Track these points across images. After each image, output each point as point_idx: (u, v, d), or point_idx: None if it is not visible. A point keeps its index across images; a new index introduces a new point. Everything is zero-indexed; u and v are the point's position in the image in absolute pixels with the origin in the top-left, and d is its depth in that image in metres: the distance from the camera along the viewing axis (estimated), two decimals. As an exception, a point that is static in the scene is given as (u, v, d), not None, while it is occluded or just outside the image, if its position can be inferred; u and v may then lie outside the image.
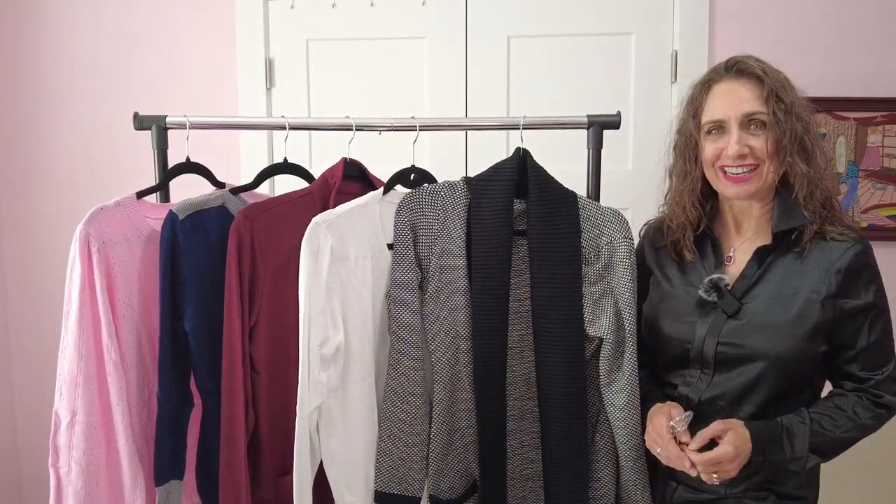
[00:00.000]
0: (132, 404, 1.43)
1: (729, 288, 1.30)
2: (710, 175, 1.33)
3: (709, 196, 1.38)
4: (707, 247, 1.38)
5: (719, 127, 1.29)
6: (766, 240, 1.31)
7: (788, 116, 1.26)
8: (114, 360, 1.37)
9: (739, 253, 1.34)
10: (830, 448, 1.26)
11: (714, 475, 1.21)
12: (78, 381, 1.36)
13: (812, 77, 2.25)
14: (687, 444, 1.22)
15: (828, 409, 1.27)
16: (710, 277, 1.31)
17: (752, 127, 1.27)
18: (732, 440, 1.20)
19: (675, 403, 1.31)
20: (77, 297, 1.35)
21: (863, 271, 1.26)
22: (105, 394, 1.38)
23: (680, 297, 1.36)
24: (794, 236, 1.28)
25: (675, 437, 1.24)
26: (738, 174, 1.27)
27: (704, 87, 1.34)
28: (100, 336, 1.37)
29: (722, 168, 1.29)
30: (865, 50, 2.26)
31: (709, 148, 1.31)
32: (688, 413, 1.25)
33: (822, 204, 1.29)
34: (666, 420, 1.26)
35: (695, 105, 1.34)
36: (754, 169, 1.27)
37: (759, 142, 1.26)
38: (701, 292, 1.31)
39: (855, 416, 1.26)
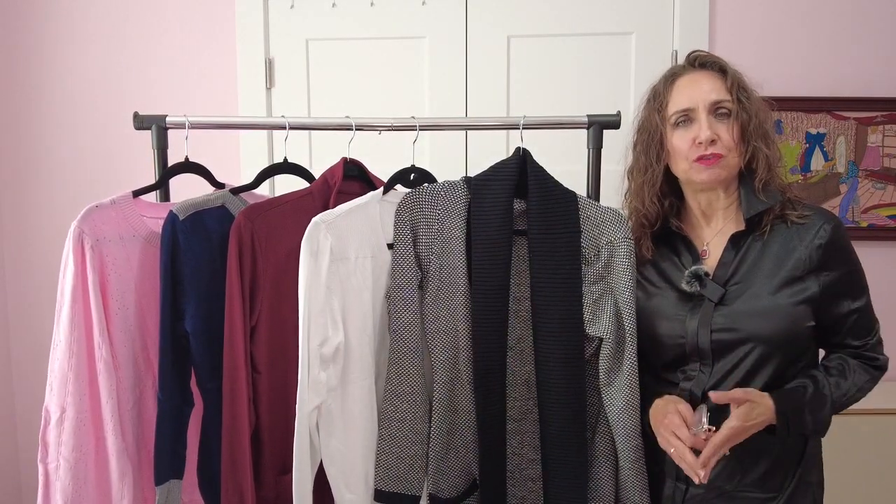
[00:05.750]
0: (122, 402, 1.42)
1: (710, 277, 1.32)
2: (680, 167, 1.34)
3: (668, 193, 1.40)
4: (680, 246, 1.40)
5: (687, 118, 1.32)
6: (737, 228, 1.34)
7: (751, 104, 1.32)
8: (104, 358, 1.37)
9: (713, 246, 1.37)
10: (836, 411, 1.30)
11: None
12: (68, 378, 1.36)
13: (812, 77, 2.27)
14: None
15: (835, 375, 1.30)
16: (690, 269, 1.33)
17: (718, 115, 1.31)
18: (740, 413, 1.21)
19: (676, 398, 1.30)
20: (69, 294, 1.35)
21: (841, 244, 1.30)
22: (95, 391, 1.38)
23: (664, 296, 1.37)
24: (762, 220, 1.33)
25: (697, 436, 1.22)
26: (710, 156, 1.30)
27: (668, 81, 1.37)
28: (91, 333, 1.37)
29: (696, 160, 1.31)
30: (866, 50, 2.26)
31: (678, 139, 1.33)
32: (703, 417, 1.22)
33: (781, 191, 1.34)
34: (679, 420, 1.24)
35: (659, 100, 1.37)
36: (720, 158, 1.30)
37: (725, 130, 1.30)
38: (683, 285, 1.33)
39: (858, 381, 1.31)
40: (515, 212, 1.41)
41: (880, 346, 1.35)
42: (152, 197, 1.57)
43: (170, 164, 1.58)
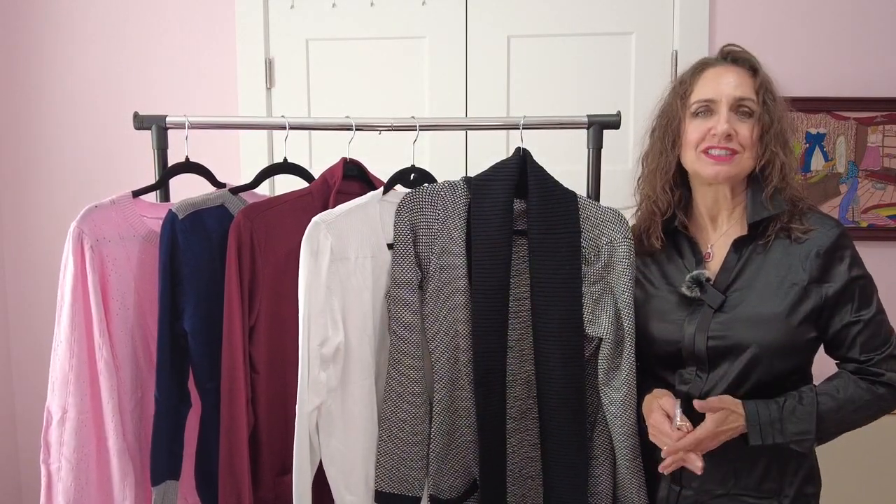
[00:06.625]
0: (124, 402, 1.42)
1: (711, 282, 1.31)
2: (689, 158, 1.33)
3: (680, 185, 1.39)
4: (684, 246, 1.39)
5: (707, 109, 1.31)
6: (741, 232, 1.33)
7: (775, 108, 1.30)
8: (105, 358, 1.37)
9: (717, 248, 1.36)
10: (830, 430, 1.26)
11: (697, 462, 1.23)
12: (69, 379, 1.36)
13: (812, 77, 2.26)
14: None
15: (825, 390, 1.26)
16: (691, 274, 1.32)
17: (740, 113, 1.30)
18: (715, 419, 1.22)
19: (664, 391, 1.31)
20: (69, 295, 1.35)
21: (841, 253, 1.27)
22: (96, 392, 1.38)
23: (664, 298, 1.37)
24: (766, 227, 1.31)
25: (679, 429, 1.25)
26: (720, 154, 1.29)
27: (696, 70, 1.36)
28: (91, 334, 1.37)
29: (705, 150, 1.30)
30: (866, 50, 2.26)
31: (693, 129, 1.32)
32: (678, 408, 1.25)
33: (791, 201, 1.31)
34: (662, 417, 1.27)
35: (684, 87, 1.36)
36: (733, 155, 1.29)
37: (745, 128, 1.29)
38: (683, 289, 1.32)
39: (851, 399, 1.25)
40: (515, 212, 1.41)
41: (893, 362, 1.26)
42: (152, 197, 1.57)
43: (170, 163, 1.58)
